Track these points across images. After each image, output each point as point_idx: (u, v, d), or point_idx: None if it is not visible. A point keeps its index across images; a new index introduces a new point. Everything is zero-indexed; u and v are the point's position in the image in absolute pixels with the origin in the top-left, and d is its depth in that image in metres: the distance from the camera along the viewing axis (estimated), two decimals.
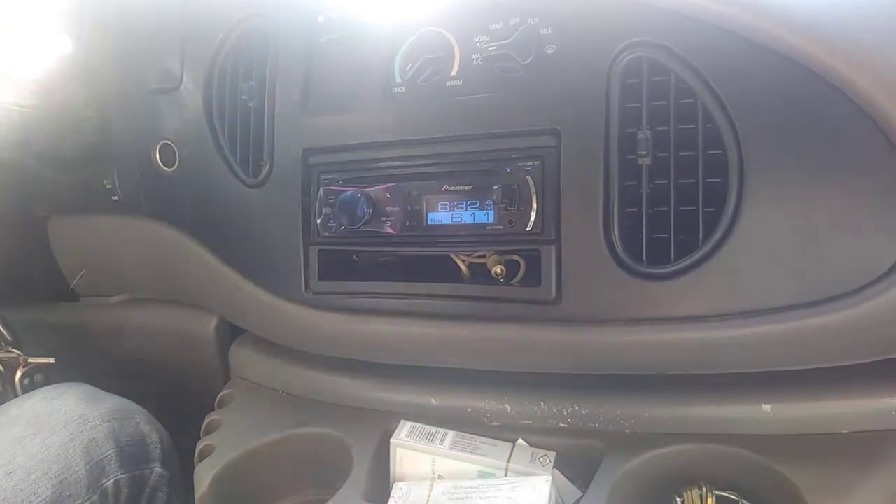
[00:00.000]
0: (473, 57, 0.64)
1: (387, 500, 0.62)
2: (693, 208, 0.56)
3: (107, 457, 0.73)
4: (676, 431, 0.60)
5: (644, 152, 0.57)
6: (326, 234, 0.70)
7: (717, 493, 0.56)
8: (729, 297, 0.56)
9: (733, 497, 0.56)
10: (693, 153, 0.56)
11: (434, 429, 0.67)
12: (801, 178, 0.53)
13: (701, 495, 0.56)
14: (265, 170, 0.73)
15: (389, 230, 0.67)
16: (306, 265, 0.72)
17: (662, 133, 0.57)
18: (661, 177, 0.57)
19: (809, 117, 0.53)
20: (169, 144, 0.82)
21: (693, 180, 0.56)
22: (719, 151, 0.55)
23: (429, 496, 0.61)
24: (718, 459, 0.58)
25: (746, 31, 0.53)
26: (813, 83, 0.52)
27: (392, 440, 0.66)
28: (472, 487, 0.60)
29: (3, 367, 0.87)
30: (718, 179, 0.55)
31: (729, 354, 0.58)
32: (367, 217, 0.67)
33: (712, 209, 0.56)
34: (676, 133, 0.57)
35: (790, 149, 0.53)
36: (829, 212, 0.53)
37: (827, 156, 0.52)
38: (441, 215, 0.65)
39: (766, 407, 0.58)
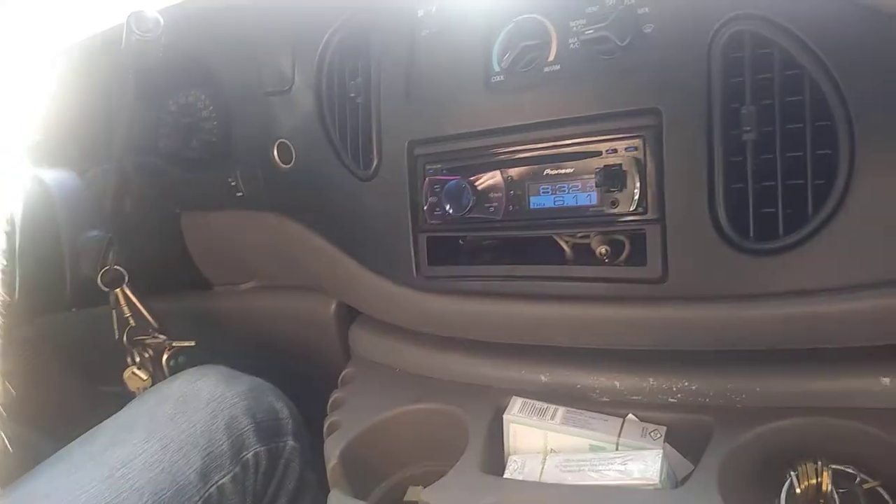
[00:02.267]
0: (570, 41, 0.65)
1: (503, 472, 0.66)
2: (801, 182, 0.56)
3: (245, 431, 0.80)
4: (789, 405, 0.60)
5: (748, 128, 0.56)
6: (434, 221, 0.73)
7: (833, 467, 0.55)
8: (841, 270, 0.55)
9: (850, 471, 0.56)
10: (800, 125, 0.55)
11: (545, 405, 0.69)
12: None
13: (816, 469, 0.55)
14: (374, 163, 0.77)
15: (493, 215, 0.70)
16: (416, 251, 0.76)
17: (767, 107, 0.56)
18: (766, 151, 0.57)
19: None
20: (285, 143, 0.87)
21: (801, 153, 0.55)
22: (828, 123, 0.54)
23: (542, 468, 0.64)
24: (834, 434, 0.58)
25: None
26: None
27: (505, 416, 0.69)
28: (584, 460, 0.63)
29: (153, 350, 0.97)
30: (828, 151, 0.54)
31: (842, 328, 0.57)
32: (471, 204, 0.70)
33: (822, 181, 0.55)
34: (782, 106, 0.56)
35: None
36: None
37: None
38: (543, 199, 0.67)
39: (885, 380, 0.57)
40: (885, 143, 0.52)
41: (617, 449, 0.64)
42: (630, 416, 0.66)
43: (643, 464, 0.59)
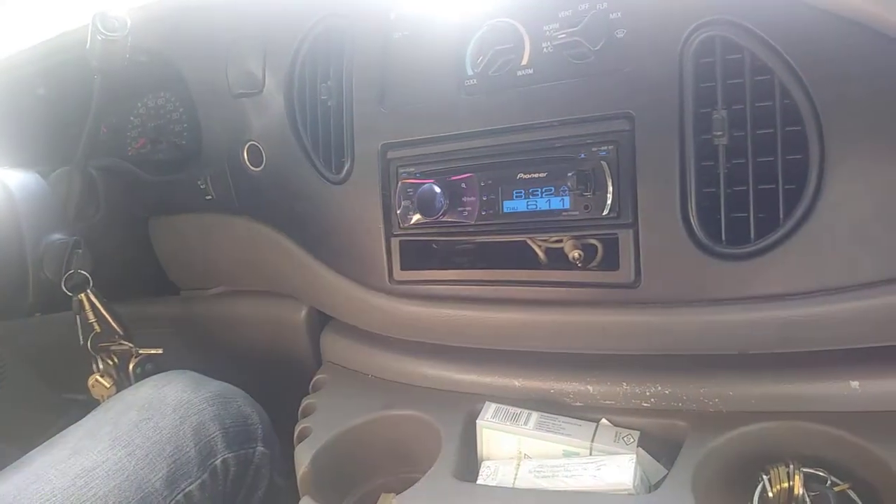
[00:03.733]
0: (543, 45, 0.65)
1: (476, 478, 0.65)
2: (773, 186, 0.56)
3: (214, 437, 0.79)
4: (762, 409, 0.60)
5: (720, 132, 0.57)
6: (406, 225, 0.73)
7: (804, 470, 0.56)
8: (812, 274, 0.56)
9: (821, 474, 0.56)
10: (771, 131, 0.56)
11: (518, 410, 0.69)
12: (885, 151, 0.52)
13: (788, 472, 0.55)
14: (346, 166, 0.77)
15: (466, 220, 0.69)
16: (388, 256, 0.75)
17: (738, 112, 0.57)
18: (738, 156, 0.57)
19: (890, 87, 0.51)
20: (255, 145, 0.86)
21: (772, 158, 0.56)
22: (798, 128, 0.54)
23: (516, 474, 0.63)
24: (805, 437, 0.58)
25: (821, 0, 0.52)
26: (892, 51, 0.50)
27: (478, 421, 0.69)
28: (557, 466, 0.62)
29: (118, 357, 0.94)
30: (798, 156, 0.55)
31: (813, 332, 0.57)
32: (444, 208, 0.69)
33: (793, 186, 0.55)
34: (753, 111, 0.56)
35: (871, 121, 0.52)
36: None
37: None
38: (516, 203, 0.67)
39: (854, 384, 0.58)
40: (854, 149, 0.53)
41: (590, 454, 0.64)
42: (603, 420, 0.66)
43: (616, 469, 0.59)
